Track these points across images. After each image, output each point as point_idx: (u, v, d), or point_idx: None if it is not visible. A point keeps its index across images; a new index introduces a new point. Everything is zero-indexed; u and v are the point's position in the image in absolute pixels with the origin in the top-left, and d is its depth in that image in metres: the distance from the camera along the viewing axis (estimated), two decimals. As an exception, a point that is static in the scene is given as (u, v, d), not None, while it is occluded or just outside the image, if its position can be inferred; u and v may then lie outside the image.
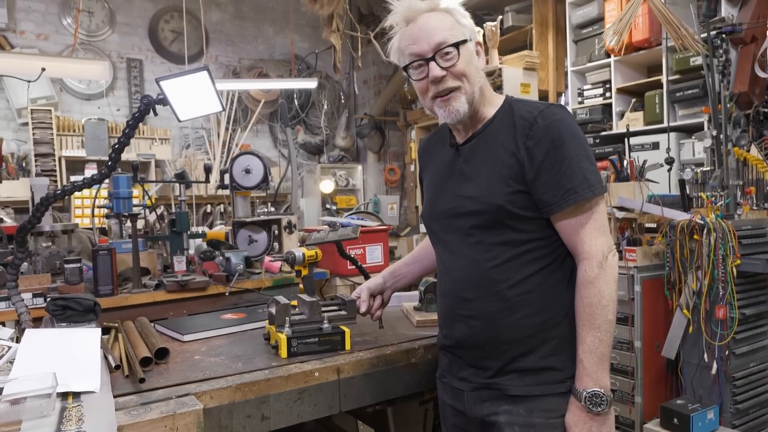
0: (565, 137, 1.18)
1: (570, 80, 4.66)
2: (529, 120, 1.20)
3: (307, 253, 1.65)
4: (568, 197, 1.16)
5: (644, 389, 2.67)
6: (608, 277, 1.16)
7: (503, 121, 1.25)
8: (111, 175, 1.68)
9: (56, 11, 5.73)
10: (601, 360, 1.15)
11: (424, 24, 1.23)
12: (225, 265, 2.75)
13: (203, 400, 1.14)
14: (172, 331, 1.63)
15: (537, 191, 1.19)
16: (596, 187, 1.17)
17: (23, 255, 1.71)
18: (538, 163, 1.17)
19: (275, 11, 7.01)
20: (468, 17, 1.27)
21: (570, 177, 1.16)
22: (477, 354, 1.26)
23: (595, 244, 1.17)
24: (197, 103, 1.66)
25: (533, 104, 1.25)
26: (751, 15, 3.32)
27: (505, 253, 1.21)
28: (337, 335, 1.41)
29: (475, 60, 1.25)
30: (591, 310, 1.15)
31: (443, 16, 1.24)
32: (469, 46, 1.24)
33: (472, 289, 1.24)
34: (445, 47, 1.21)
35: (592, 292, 1.15)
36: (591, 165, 1.19)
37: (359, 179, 7.34)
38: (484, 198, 1.21)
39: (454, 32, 1.22)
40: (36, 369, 1.15)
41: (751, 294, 2.56)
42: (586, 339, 1.16)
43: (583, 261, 1.18)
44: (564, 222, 1.19)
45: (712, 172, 2.83)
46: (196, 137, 6.47)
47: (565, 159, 1.17)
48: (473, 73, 1.24)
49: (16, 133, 5.51)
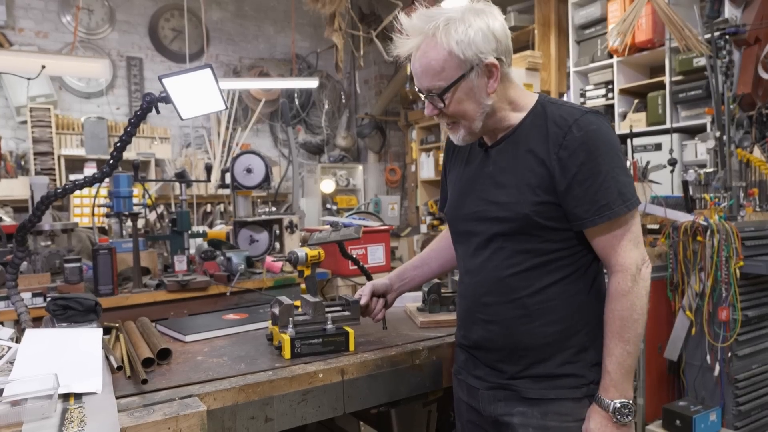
0: (600, 149, 1.13)
1: (572, 81, 4.65)
2: (563, 128, 1.15)
3: (310, 253, 1.63)
4: (603, 213, 1.13)
5: (647, 391, 2.66)
6: (641, 290, 1.15)
7: (534, 125, 1.20)
8: (112, 173, 1.66)
9: (56, 9, 5.71)
10: (628, 372, 1.15)
11: (417, 62, 1.17)
12: (226, 264, 2.74)
13: (206, 402, 1.12)
14: (174, 331, 1.61)
15: (569, 204, 1.15)
16: (631, 201, 1.14)
17: (23, 254, 1.69)
18: (571, 176, 1.13)
19: (276, 10, 6.99)
20: (474, 41, 1.12)
21: (605, 192, 1.13)
22: (493, 357, 1.26)
23: (630, 257, 1.15)
24: (200, 101, 1.64)
25: (568, 109, 1.19)
26: (754, 16, 3.31)
27: (526, 262, 1.19)
28: (341, 336, 1.40)
29: (477, 91, 1.16)
30: (622, 323, 1.14)
31: (436, 52, 1.13)
32: (468, 79, 1.14)
33: (491, 293, 1.23)
34: (431, 95, 1.17)
35: (625, 305, 1.14)
36: (626, 177, 1.16)
37: (360, 179, 7.32)
38: (510, 206, 1.18)
39: (445, 74, 1.14)
40: (37, 370, 1.13)
41: (753, 296, 2.55)
42: (614, 351, 1.15)
43: (617, 273, 1.16)
44: (598, 236, 1.17)
45: (715, 173, 2.82)
46: (197, 136, 6.45)
47: (600, 172, 1.13)
48: (471, 108, 1.17)
49: (14, 131, 5.49)
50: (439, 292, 1.75)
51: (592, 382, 1.19)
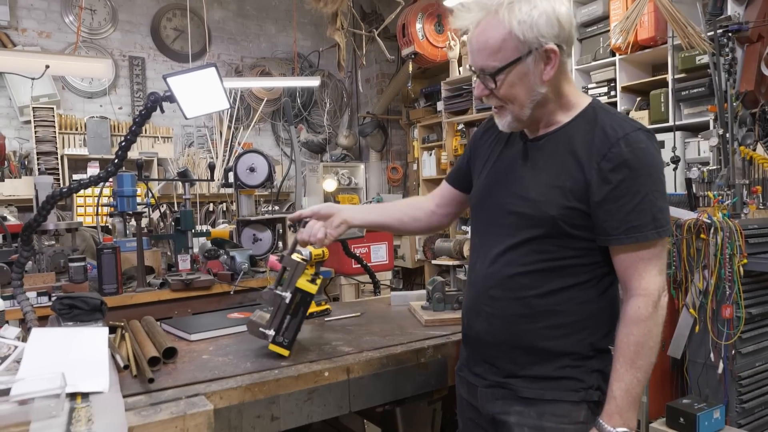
0: (644, 170, 1.10)
1: (574, 78, 4.64)
2: (611, 139, 1.11)
3: (314, 252, 1.63)
4: (631, 234, 1.10)
5: (650, 389, 2.66)
6: (659, 319, 1.12)
7: (581, 129, 1.16)
8: (117, 173, 1.67)
9: (58, 9, 5.72)
10: (635, 401, 1.12)
11: (474, 38, 1.14)
12: (229, 263, 2.74)
13: (213, 401, 1.13)
14: (179, 330, 1.62)
15: (599, 217, 1.12)
16: (664, 228, 1.12)
17: (28, 253, 1.70)
18: (609, 189, 1.10)
19: (278, 9, 6.99)
20: (537, 23, 1.09)
21: (638, 213, 1.10)
22: (492, 352, 1.25)
23: (654, 282, 1.12)
24: (204, 100, 1.65)
25: (620, 121, 1.15)
26: (757, 13, 3.30)
27: (540, 263, 1.17)
28: (301, 294, 1.35)
29: (532, 76, 1.12)
30: (636, 350, 1.11)
31: (496, 30, 1.10)
32: (524, 63, 1.11)
33: (499, 287, 1.21)
34: (484, 74, 1.14)
35: (642, 331, 1.11)
36: (664, 203, 1.13)
37: (362, 178, 7.32)
38: (538, 204, 1.16)
39: (501, 54, 1.11)
40: (44, 369, 1.14)
41: (757, 293, 2.55)
42: (624, 377, 1.11)
43: (637, 297, 1.12)
44: (623, 256, 1.14)
45: (719, 171, 2.82)
46: (199, 135, 6.46)
47: (639, 192, 1.10)
48: (522, 94, 1.14)
49: (18, 131, 5.50)
50: (444, 290, 1.75)
51: (591, 387, 1.18)
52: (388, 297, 2.09)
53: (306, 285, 1.36)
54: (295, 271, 1.37)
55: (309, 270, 1.39)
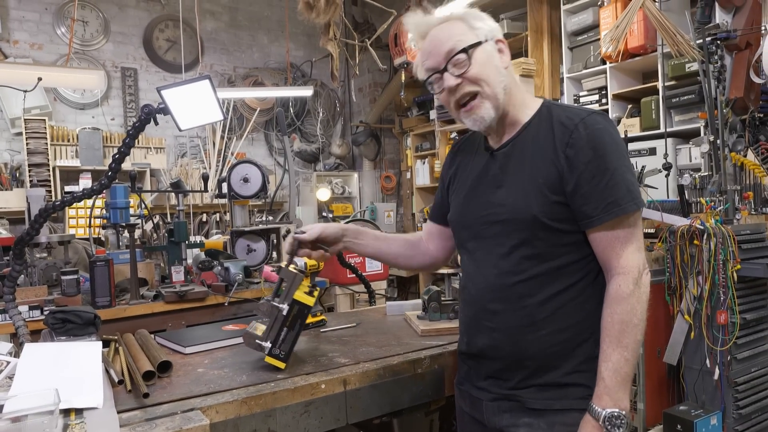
0: (608, 147, 1.13)
1: (566, 87, 4.68)
2: (569, 127, 1.15)
3: (309, 263, 1.63)
4: (611, 210, 1.12)
5: (646, 395, 2.66)
6: (642, 296, 1.12)
7: (541, 126, 1.20)
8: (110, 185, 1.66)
9: (50, 21, 5.71)
10: (624, 380, 1.11)
11: (434, 36, 1.22)
12: (224, 274, 2.73)
13: (209, 415, 1.12)
14: (174, 343, 1.60)
15: (576, 202, 1.14)
16: (639, 199, 1.14)
17: (21, 267, 1.69)
18: (579, 173, 1.13)
19: (270, 20, 7.01)
20: (485, 19, 1.23)
21: (613, 188, 1.12)
22: (498, 366, 1.23)
23: (633, 260, 1.13)
24: (198, 112, 1.65)
25: (574, 110, 1.20)
26: (744, 21, 3.34)
27: (534, 268, 1.17)
28: (298, 306, 1.34)
29: (495, 60, 1.21)
30: (621, 328, 1.11)
31: (453, 25, 1.21)
32: (485, 47, 1.20)
33: (497, 300, 1.21)
34: (454, 54, 1.18)
35: (625, 309, 1.11)
36: (633, 177, 1.15)
37: (355, 187, 7.33)
38: (518, 207, 1.17)
39: (465, 37, 1.19)
40: (37, 385, 1.12)
41: (751, 299, 2.56)
42: (611, 357, 1.11)
43: (618, 275, 1.13)
44: (601, 235, 1.14)
45: (710, 177, 2.84)
46: (192, 146, 6.45)
47: (608, 169, 1.12)
48: (492, 74, 1.19)
49: (9, 143, 5.47)
50: (440, 299, 1.74)
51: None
52: (384, 307, 2.09)
53: (303, 297, 1.35)
54: (292, 283, 1.36)
55: (306, 282, 1.38)
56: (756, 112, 3.15)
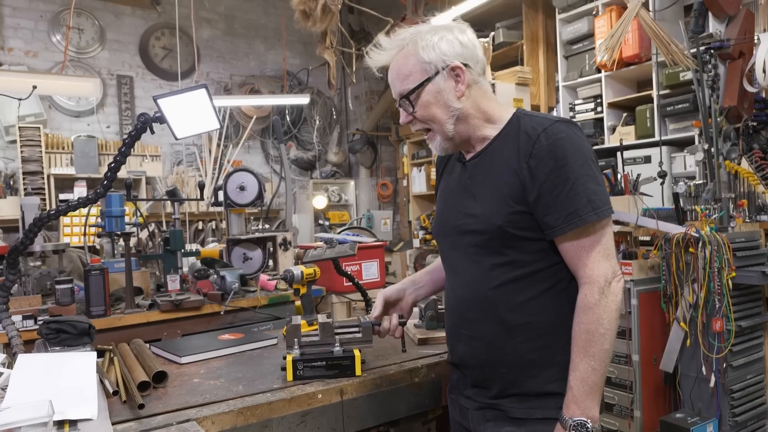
0: (569, 156, 1.13)
1: (561, 95, 4.70)
2: (532, 137, 1.16)
3: (306, 271, 1.63)
4: (571, 221, 1.12)
5: (643, 403, 2.66)
6: (609, 305, 1.12)
7: (508, 137, 1.21)
8: (106, 194, 1.65)
9: (45, 28, 5.71)
10: (592, 390, 1.11)
11: (392, 69, 1.24)
12: (220, 283, 2.72)
13: (204, 426, 1.11)
14: (169, 353, 1.59)
15: (539, 213, 1.15)
16: (602, 209, 1.12)
17: (14, 277, 1.67)
18: (540, 184, 1.13)
19: (266, 28, 7.03)
20: (438, 45, 1.19)
21: (573, 199, 1.12)
22: (478, 374, 1.25)
23: (598, 269, 1.12)
24: (194, 120, 1.64)
25: (540, 119, 1.20)
26: (738, 31, 3.37)
27: (505, 275, 1.19)
28: (347, 360, 1.35)
29: (445, 94, 1.19)
30: (588, 337, 1.11)
31: (405, 60, 1.21)
32: (436, 82, 1.19)
33: (473, 309, 1.23)
34: (402, 98, 1.22)
35: (591, 318, 1.11)
36: (597, 185, 1.14)
37: (352, 194, 7.33)
38: (485, 218, 1.19)
39: (412, 77, 1.20)
40: (31, 396, 1.11)
41: (746, 306, 2.57)
42: (579, 366, 1.12)
43: (584, 285, 1.14)
44: (567, 244, 1.15)
45: (705, 185, 2.85)
46: (188, 154, 6.44)
47: (568, 179, 1.12)
48: (439, 113, 1.20)
49: (3, 151, 5.45)
50: (436, 308, 1.74)
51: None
52: (381, 315, 2.07)
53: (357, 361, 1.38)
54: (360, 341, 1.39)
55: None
56: (750, 121, 3.18)
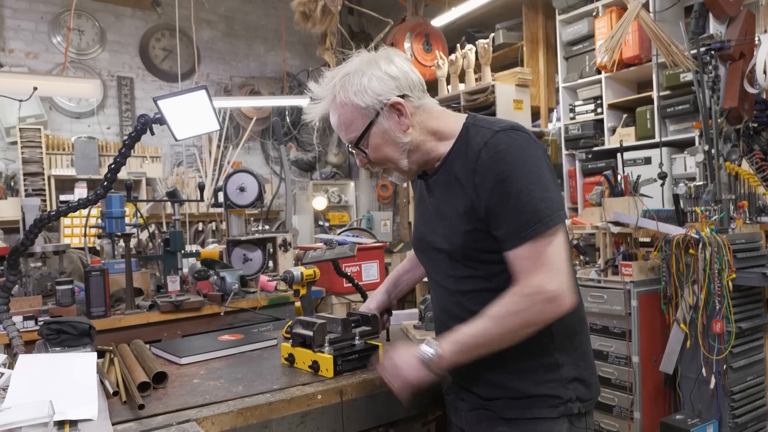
0: (510, 168, 1.09)
1: (561, 96, 4.71)
2: (475, 151, 1.14)
3: (306, 273, 1.63)
4: (521, 234, 1.09)
5: (643, 404, 2.66)
6: (540, 314, 1.09)
7: (459, 152, 1.19)
8: (106, 195, 1.65)
9: (46, 30, 5.72)
10: (466, 347, 1.12)
11: (331, 121, 1.24)
12: (220, 284, 2.72)
13: (204, 426, 1.11)
14: (169, 353, 1.59)
15: (492, 228, 1.14)
16: (550, 218, 1.09)
17: (15, 278, 1.67)
18: (486, 199, 1.12)
19: (266, 29, 7.04)
20: (370, 87, 1.16)
21: (519, 213, 1.09)
22: (466, 378, 1.27)
23: (545, 281, 1.08)
24: (194, 122, 1.65)
25: (483, 131, 1.16)
26: (738, 32, 3.37)
27: (478, 285, 1.20)
28: (373, 350, 1.42)
29: (391, 133, 1.18)
30: (504, 314, 1.10)
31: (343, 108, 1.19)
32: (379, 123, 1.17)
33: (453, 319, 1.24)
34: (351, 147, 1.23)
35: (514, 300, 1.10)
36: (543, 192, 1.10)
37: (352, 196, 7.33)
38: (448, 237, 1.21)
39: (354, 125, 1.19)
40: (31, 396, 1.11)
41: (746, 307, 2.57)
42: (476, 322, 1.12)
43: (515, 286, 1.11)
44: (511, 255, 1.12)
45: (705, 186, 2.85)
46: (188, 155, 6.44)
47: (511, 194, 1.09)
48: (390, 150, 1.20)
49: (4, 152, 5.46)
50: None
51: (570, 400, 1.19)
52: (381, 316, 2.07)
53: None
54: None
55: None
56: (750, 122, 3.18)
